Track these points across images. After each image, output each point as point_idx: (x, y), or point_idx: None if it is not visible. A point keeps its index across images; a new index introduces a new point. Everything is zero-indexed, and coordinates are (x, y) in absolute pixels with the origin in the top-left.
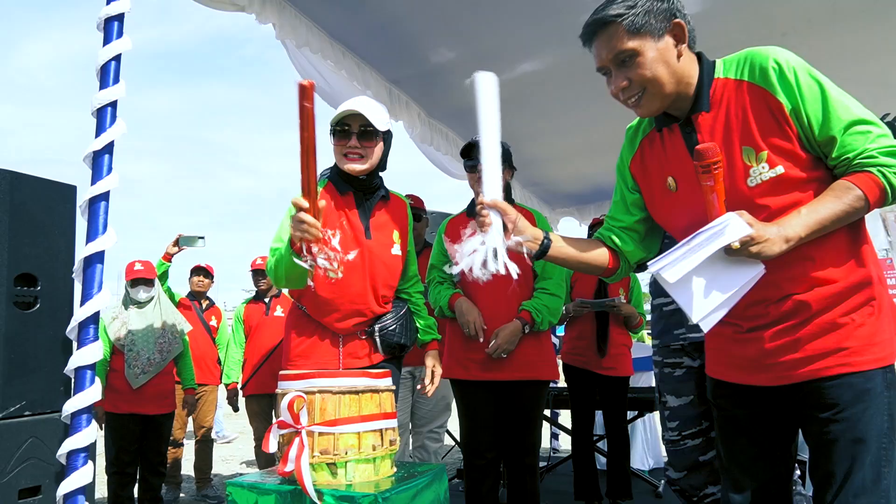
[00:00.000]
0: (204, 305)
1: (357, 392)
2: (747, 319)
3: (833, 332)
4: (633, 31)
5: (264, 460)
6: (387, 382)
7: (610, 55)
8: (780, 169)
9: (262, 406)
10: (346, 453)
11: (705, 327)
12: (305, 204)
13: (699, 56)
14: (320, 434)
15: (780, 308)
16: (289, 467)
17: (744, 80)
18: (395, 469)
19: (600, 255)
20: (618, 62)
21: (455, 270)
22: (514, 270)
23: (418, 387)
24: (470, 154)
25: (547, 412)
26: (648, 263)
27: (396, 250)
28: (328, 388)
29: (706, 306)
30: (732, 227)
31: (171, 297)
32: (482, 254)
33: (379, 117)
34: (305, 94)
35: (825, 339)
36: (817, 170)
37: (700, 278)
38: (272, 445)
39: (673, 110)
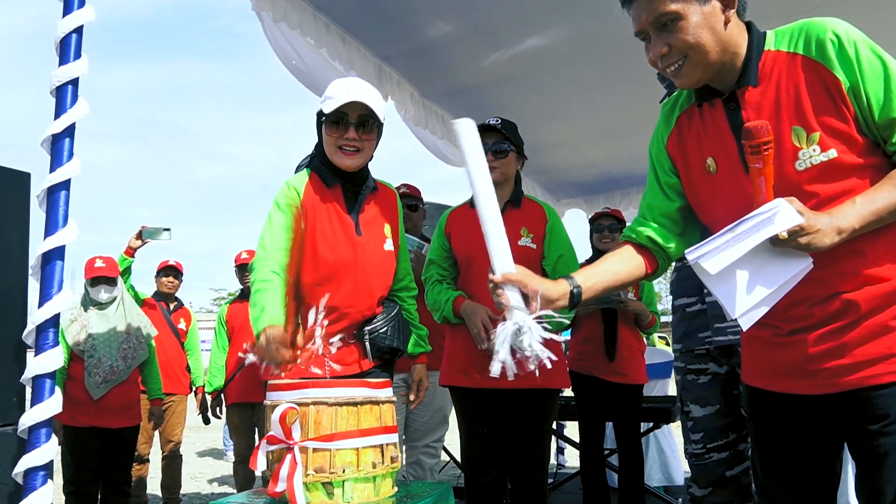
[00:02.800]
0: (172, 307)
1: (355, 404)
2: (789, 321)
3: (884, 336)
4: None
5: (242, 478)
6: (387, 393)
7: (650, 18)
8: (832, 153)
9: (243, 418)
10: (344, 471)
11: (745, 325)
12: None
13: (749, 26)
14: (315, 450)
15: (827, 309)
16: (280, 487)
17: (798, 53)
18: (396, 489)
19: (635, 269)
20: (658, 26)
21: (494, 369)
22: (546, 356)
23: (412, 396)
24: None
25: None
26: (686, 252)
27: (389, 246)
28: (323, 400)
29: (748, 301)
30: (782, 214)
31: (136, 296)
32: (507, 338)
33: (379, 105)
34: None
35: (875, 344)
36: (874, 156)
37: (743, 270)
38: (260, 462)
39: (716, 83)
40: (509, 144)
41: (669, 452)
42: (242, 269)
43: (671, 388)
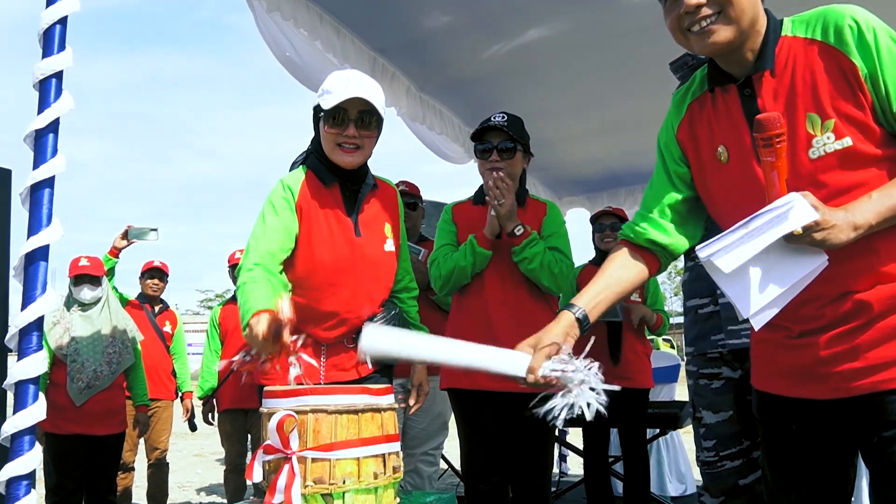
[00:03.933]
0: (157, 309)
1: (356, 411)
2: (799, 322)
3: None
4: None
5: (233, 487)
6: (389, 400)
7: None
8: (847, 141)
9: (235, 426)
10: (344, 482)
11: (757, 325)
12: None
13: (765, 12)
14: (313, 460)
15: (838, 309)
16: (277, 499)
17: (816, 39)
18: (398, 500)
19: (637, 276)
20: None
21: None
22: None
23: (411, 401)
24: (482, 137)
25: None
26: (697, 249)
27: (390, 246)
28: (322, 407)
29: (761, 300)
30: (797, 210)
31: (120, 298)
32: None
33: (380, 100)
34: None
35: (889, 346)
36: (890, 147)
37: (755, 268)
38: (257, 473)
39: (732, 66)
40: (516, 143)
41: (677, 460)
42: (236, 269)
43: (677, 393)
